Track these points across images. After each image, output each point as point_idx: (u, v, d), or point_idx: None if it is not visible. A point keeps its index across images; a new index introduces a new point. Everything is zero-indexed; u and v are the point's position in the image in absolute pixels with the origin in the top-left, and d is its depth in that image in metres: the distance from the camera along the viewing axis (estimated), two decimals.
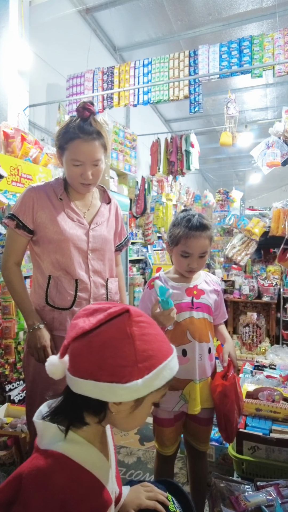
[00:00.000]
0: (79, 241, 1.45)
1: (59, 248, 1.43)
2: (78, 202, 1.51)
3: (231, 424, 1.44)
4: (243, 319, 3.39)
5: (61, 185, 1.49)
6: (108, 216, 1.59)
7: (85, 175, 1.39)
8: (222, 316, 1.63)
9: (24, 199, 1.44)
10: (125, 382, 0.66)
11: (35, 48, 3.66)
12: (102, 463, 0.76)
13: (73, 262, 1.44)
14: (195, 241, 1.40)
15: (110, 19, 4.92)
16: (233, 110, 3.63)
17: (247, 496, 1.38)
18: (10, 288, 1.47)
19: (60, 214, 1.44)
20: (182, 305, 1.45)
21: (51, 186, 1.49)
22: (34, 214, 1.43)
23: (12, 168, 2.36)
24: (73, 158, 1.37)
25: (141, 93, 3.85)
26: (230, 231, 4.02)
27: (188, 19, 5.08)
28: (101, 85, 4.06)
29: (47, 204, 1.44)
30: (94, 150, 1.37)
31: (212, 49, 3.58)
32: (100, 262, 1.51)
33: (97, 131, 1.38)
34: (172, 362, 0.73)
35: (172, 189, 7.02)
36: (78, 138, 1.34)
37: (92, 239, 1.49)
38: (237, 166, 10.74)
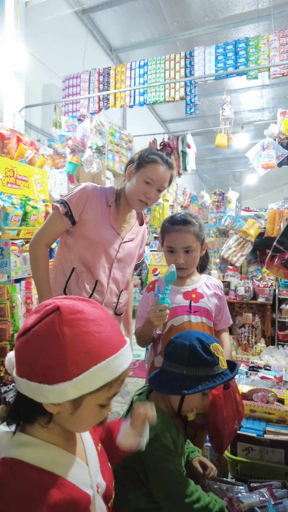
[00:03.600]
0: (111, 248, 1.55)
1: (92, 247, 1.53)
2: (121, 215, 1.62)
3: (221, 435, 1.41)
4: (238, 320, 3.40)
5: (114, 195, 1.61)
6: (139, 236, 1.72)
7: (149, 194, 1.51)
8: (225, 321, 1.60)
9: (80, 193, 1.54)
10: (53, 383, 0.64)
11: (31, 49, 3.65)
12: (67, 461, 0.74)
13: (99, 264, 1.54)
14: (177, 235, 1.44)
15: (106, 20, 4.92)
16: (228, 111, 3.64)
17: (240, 498, 1.39)
18: (34, 266, 1.54)
19: (105, 218, 1.56)
20: (179, 309, 1.44)
21: (104, 192, 1.61)
22: (84, 210, 1.53)
23: (8, 170, 2.35)
24: (149, 176, 1.49)
25: (137, 94, 3.86)
26: (225, 232, 4.04)
27: (184, 20, 5.09)
28: (97, 86, 4.06)
29: (97, 206, 1.55)
30: (166, 177, 1.53)
31: (208, 50, 3.59)
32: (121, 273, 1.61)
33: (171, 164, 1.55)
34: (114, 362, 0.68)
35: (169, 189, 7.02)
36: (159, 162, 1.50)
37: (122, 250, 1.59)
38: (233, 167, 10.76)
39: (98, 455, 0.86)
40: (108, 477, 0.86)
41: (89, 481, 0.77)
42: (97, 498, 0.78)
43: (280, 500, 1.38)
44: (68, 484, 0.71)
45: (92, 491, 0.76)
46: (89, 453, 0.83)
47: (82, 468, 0.77)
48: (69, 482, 0.71)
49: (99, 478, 0.82)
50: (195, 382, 1.09)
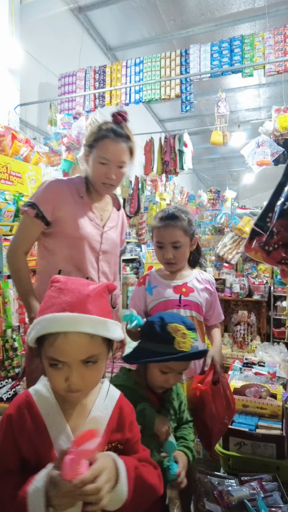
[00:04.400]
0: (94, 241, 1.47)
1: (75, 244, 1.44)
2: (97, 203, 1.54)
3: (210, 432, 1.40)
4: (234, 317, 3.40)
5: (84, 184, 1.50)
6: (117, 222, 1.62)
7: (108, 175, 1.41)
8: (217, 317, 1.60)
9: (47, 190, 1.44)
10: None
11: (27, 47, 3.65)
12: (57, 418, 0.80)
13: (86, 260, 1.45)
14: (165, 230, 1.45)
15: (103, 18, 4.93)
16: (223, 109, 3.64)
17: (230, 491, 1.39)
18: (17, 277, 1.45)
19: (80, 211, 1.46)
20: (169, 302, 1.44)
21: (73, 183, 1.50)
22: (55, 207, 1.43)
23: (1, 166, 2.35)
24: (101, 155, 1.40)
25: (133, 92, 3.86)
26: (221, 230, 4.04)
27: (181, 19, 5.09)
28: (93, 84, 4.06)
29: (69, 200, 1.45)
30: (121, 151, 1.41)
31: (204, 48, 3.60)
32: (108, 264, 1.54)
33: (126, 135, 1.44)
34: (47, 320, 0.76)
35: (166, 188, 7.03)
36: (108, 137, 1.40)
37: (105, 240, 1.51)
38: (231, 166, 10.77)
39: (101, 446, 0.84)
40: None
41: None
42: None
43: (270, 493, 1.38)
44: (47, 435, 0.79)
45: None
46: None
47: (67, 437, 0.79)
48: (48, 434, 0.79)
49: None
50: (144, 355, 1.13)
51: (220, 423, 1.45)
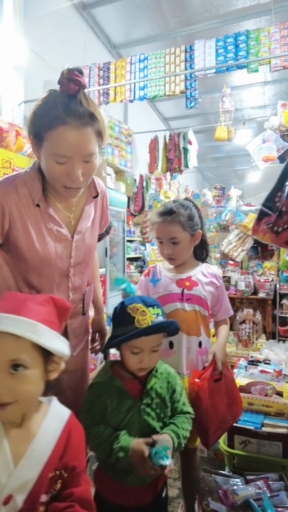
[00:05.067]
0: (59, 259, 1.15)
1: (34, 268, 1.13)
2: (60, 204, 1.16)
3: (206, 429, 1.37)
4: (239, 315, 3.36)
5: (38, 185, 1.10)
6: (94, 215, 1.26)
7: (73, 176, 1.01)
8: (224, 312, 1.56)
9: None
10: None
11: (31, 44, 3.64)
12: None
13: (51, 285, 1.17)
14: (162, 226, 1.42)
15: (107, 16, 4.90)
16: (228, 104, 3.61)
17: (235, 490, 1.36)
18: None
19: (37, 227, 1.10)
20: (171, 296, 1.43)
21: (24, 185, 1.09)
22: (4, 225, 1.08)
23: (4, 161, 2.34)
24: (56, 152, 0.98)
25: (137, 88, 3.84)
26: (226, 227, 4.00)
27: (185, 16, 5.05)
28: (97, 81, 4.05)
29: (20, 212, 1.08)
30: (85, 140, 0.99)
31: (208, 44, 3.57)
32: (82, 276, 1.25)
33: (89, 113, 0.99)
34: None
35: (171, 187, 7.00)
36: (63, 124, 0.96)
37: (75, 252, 1.19)
38: (235, 165, 10.71)
39: (38, 481, 0.74)
40: (32, 508, 0.73)
41: (1, 482, 0.71)
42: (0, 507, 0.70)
43: (277, 493, 1.35)
44: None
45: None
46: (25, 464, 0.74)
47: (5, 462, 0.72)
48: None
49: (18, 495, 0.71)
50: (114, 341, 1.11)
51: (219, 420, 1.41)
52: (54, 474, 0.77)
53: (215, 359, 1.42)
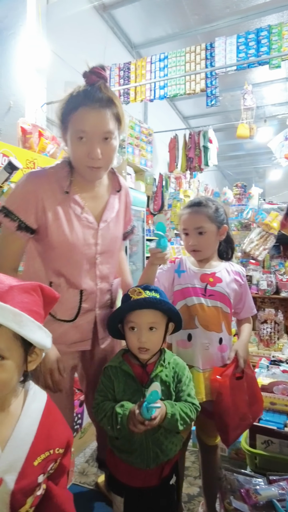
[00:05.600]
0: (87, 245, 1.24)
1: (64, 254, 1.22)
2: (87, 193, 1.26)
3: (226, 426, 1.38)
4: (261, 315, 3.32)
5: (67, 174, 1.22)
6: (118, 208, 1.36)
7: (93, 153, 1.12)
8: (247, 310, 1.57)
9: (24, 194, 1.18)
10: None
11: (53, 46, 3.70)
12: None
13: (79, 271, 1.24)
14: (189, 216, 1.45)
15: (126, 16, 4.93)
16: (250, 101, 3.57)
17: (258, 490, 1.35)
18: None
19: (66, 213, 1.20)
20: (193, 290, 1.43)
21: (54, 175, 1.21)
22: (38, 212, 1.18)
23: (28, 161, 2.40)
24: (77, 129, 1.10)
25: (158, 87, 3.84)
26: (247, 226, 3.95)
27: (205, 13, 5.01)
28: (118, 81, 4.07)
29: (52, 202, 1.18)
30: (103, 119, 1.11)
31: (229, 40, 3.53)
32: (109, 265, 1.33)
33: (107, 98, 1.13)
34: None
35: (190, 186, 6.96)
36: (84, 105, 1.09)
37: (101, 240, 1.27)
38: (256, 163, 10.54)
39: (30, 458, 0.76)
40: (26, 489, 0.75)
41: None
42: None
43: None
44: None
45: None
46: (13, 443, 0.75)
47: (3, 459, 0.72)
48: None
49: (9, 476, 0.72)
50: (112, 314, 1.28)
51: (239, 418, 1.42)
52: (48, 454, 0.79)
53: (237, 356, 1.42)
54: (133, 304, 1.16)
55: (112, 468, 1.25)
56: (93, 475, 1.96)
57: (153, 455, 1.14)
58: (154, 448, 1.14)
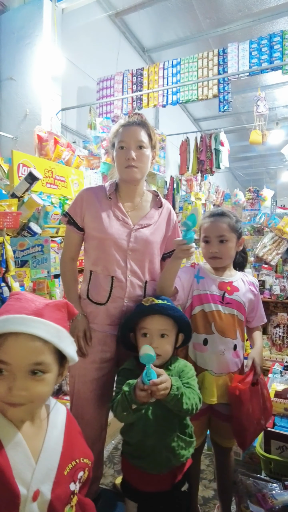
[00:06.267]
0: (120, 239, 1.47)
1: (101, 244, 1.48)
2: (127, 203, 1.54)
3: (245, 431, 1.43)
4: (273, 319, 3.34)
5: (113, 186, 1.56)
6: (157, 219, 1.57)
7: (128, 155, 1.43)
8: (259, 319, 1.62)
9: (76, 199, 1.56)
10: None
11: (66, 53, 3.77)
12: (15, 440, 0.75)
13: (112, 260, 1.47)
14: (211, 225, 1.51)
15: (138, 21, 4.97)
16: (262, 108, 3.58)
17: (274, 495, 1.39)
18: (63, 281, 1.63)
19: (106, 212, 1.49)
20: (210, 296, 1.48)
21: (103, 187, 1.57)
22: (83, 212, 1.52)
23: (47, 171, 2.47)
24: (119, 141, 1.45)
25: (170, 93, 3.88)
26: (260, 230, 3.96)
27: (217, 16, 5.02)
28: (131, 87, 4.12)
29: (94, 203, 1.51)
30: (136, 132, 1.45)
31: (242, 46, 3.54)
32: (140, 263, 1.51)
33: (140, 121, 1.49)
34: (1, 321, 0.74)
35: (201, 188, 6.97)
36: (125, 125, 1.47)
37: (134, 239, 1.49)
38: (268, 164, 10.48)
39: (60, 468, 0.80)
40: (61, 498, 0.78)
41: (27, 479, 0.73)
42: (30, 505, 0.72)
43: None
44: (5, 462, 0.71)
45: (26, 492, 0.72)
46: (45, 455, 0.79)
47: (26, 458, 0.75)
48: (7, 460, 0.71)
49: (44, 486, 0.75)
50: (125, 319, 1.37)
51: (256, 423, 1.47)
52: (75, 463, 0.83)
53: (254, 364, 1.47)
54: (146, 308, 1.22)
55: (125, 473, 1.30)
56: (111, 476, 2.02)
57: (165, 459, 1.17)
58: (166, 453, 1.17)
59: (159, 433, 1.16)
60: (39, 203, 2.04)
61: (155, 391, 1.05)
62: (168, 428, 1.17)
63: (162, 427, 1.17)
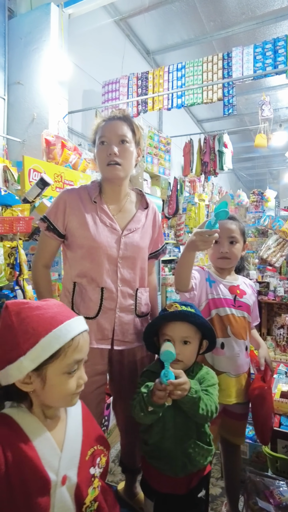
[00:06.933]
0: (109, 247, 1.37)
1: (88, 254, 1.37)
2: (112, 206, 1.44)
3: (268, 427, 1.51)
4: (277, 320, 3.38)
5: (97, 187, 1.44)
6: (144, 222, 1.50)
7: (110, 150, 1.33)
8: (255, 319, 1.69)
9: (57, 202, 1.41)
10: (13, 362, 0.78)
11: (71, 56, 3.82)
12: (41, 433, 0.82)
13: (101, 270, 1.37)
14: (223, 226, 1.51)
15: (143, 24, 5.01)
16: (267, 112, 3.62)
17: (281, 491, 1.43)
18: (36, 289, 1.48)
19: (92, 218, 1.38)
20: (224, 300, 1.53)
21: (86, 189, 1.45)
22: (66, 218, 1.39)
23: (56, 175, 2.52)
24: (99, 136, 1.37)
25: (175, 97, 3.92)
26: (264, 232, 4.01)
27: (220, 19, 5.06)
28: (136, 90, 4.16)
29: (79, 208, 1.39)
30: (118, 126, 1.36)
31: (246, 50, 3.58)
32: (131, 270, 1.43)
33: (123, 115, 1.40)
34: (60, 332, 0.80)
35: (205, 189, 7.02)
36: (106, 121, 1.39)
37: (124, 246, 1.40)
38: (271, 165, 10.52)
39: (82, 454, 0.88)
40: (85, 481, 0.86)
41: (55, 466, 0.81)
42: (59, 489, 0.80)
43: None
44: (36, 455, 0.78)
45: (55, 478, 0.80)
46: (68, 443, 0.87)
47: (52, 448, 0.83)
48: (37, 453, 0.79)
49: (71, 471, 0.84)
50: (148, 325, 1.36)
51: (271, 419, 1.56)
52: (94, 450, 0.92)
53: (267, 362, 1.53)
54: (169, 315, 1.24)
55: (144, 472, 1.34)
56: (120, 474, 2.06)
57: (181, 464, 1.19)
58: (182, 458, 1.19)
59: (177, 437, 1.19)
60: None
61: (173, 391, 1.08)
62: (185, 434, 1.20)
63: (180, 431, 1.19)
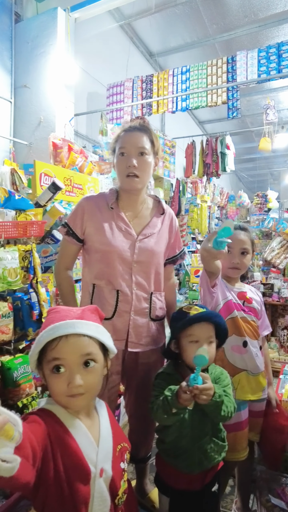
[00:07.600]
0: (124, 251, 1.42)
1: (104, 257, 1.42)
2: (128, 212, 1.49)
3: (279, 454, 1.57)
4: (281, 322, 3.42)
5: (114, 194, 1.50)
6: (160, 227, 1.53)
7: (129, 162, 1.37)
8: (265, 327, 1.71)
9: (76, 209, 1.50)
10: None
11: (77, 60, 3.86)
12: (80, 428, 0.89)
13: (116, 273, 1.42)
14: (236, 237, 1.55)
15: (146, 27, 5.04)
16: (272, 116, 3.66)
17: None
18: (59, 290, 1.57)
19: (108, 223, 1.44)
20: (234, 304, 1.58)
21: (103, 196, 1.51)
22: (84, 224, 1.47)
23: (66, 179, 2.55)
24: (119, 147, 1.41)
25: (180, 99, 3.96)
26: (268, 234, 4.05)
27: (223, 22, 5.10)
28: (140, 93, 4.20)
29: (96, 214, 1.45)
30: (138, 138, 1.40)
31: (250, 54, 3.62)
32: (145, 275, 1.47)
33: (142, 126, 1.44)
34: (52, 329, 0.88)
35: (206, 190, 7.06)
36: (124, 132, 1.44)
37: (138, 250, 1.44)
38: (272, 166, 10.56)
39: (114, 450, 0.95)
40: (118, 474, 0.93)
41: (94, 459, 0.88)
42: (98, 480, 0.87)
43: None
44: (77, 445, 0.86)
45: (94, 470, 0.87)
46: (103, 439, 0.93)
47: (90, 443, 0.90)
48: (77, 444, 0.86)
49: (106, 465, 0.90)
50: (175, 327, 1.32)
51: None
52: (121, 446, 0.98)
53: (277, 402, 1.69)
54: (196, 316, 1.26)
55: (159, 469, 1.38)
56: (130, 473, 2.10)
57: (197, 460, 1.24)
58: (198, 454, 1.24)
59: (194, 435, 1.23)
60: (61, 211, 2.13)
61: (198, 395, 1.11)
62: (202, 431, 1.24)
63: (197, 429, 1.24)
